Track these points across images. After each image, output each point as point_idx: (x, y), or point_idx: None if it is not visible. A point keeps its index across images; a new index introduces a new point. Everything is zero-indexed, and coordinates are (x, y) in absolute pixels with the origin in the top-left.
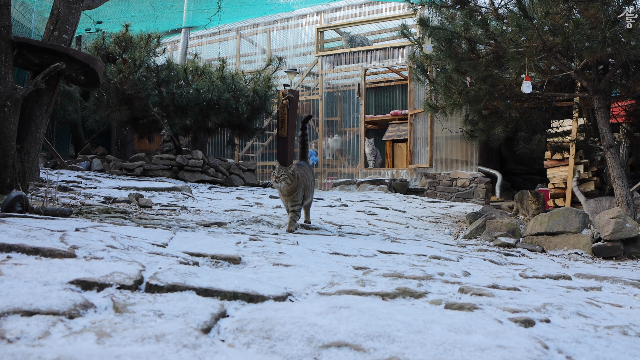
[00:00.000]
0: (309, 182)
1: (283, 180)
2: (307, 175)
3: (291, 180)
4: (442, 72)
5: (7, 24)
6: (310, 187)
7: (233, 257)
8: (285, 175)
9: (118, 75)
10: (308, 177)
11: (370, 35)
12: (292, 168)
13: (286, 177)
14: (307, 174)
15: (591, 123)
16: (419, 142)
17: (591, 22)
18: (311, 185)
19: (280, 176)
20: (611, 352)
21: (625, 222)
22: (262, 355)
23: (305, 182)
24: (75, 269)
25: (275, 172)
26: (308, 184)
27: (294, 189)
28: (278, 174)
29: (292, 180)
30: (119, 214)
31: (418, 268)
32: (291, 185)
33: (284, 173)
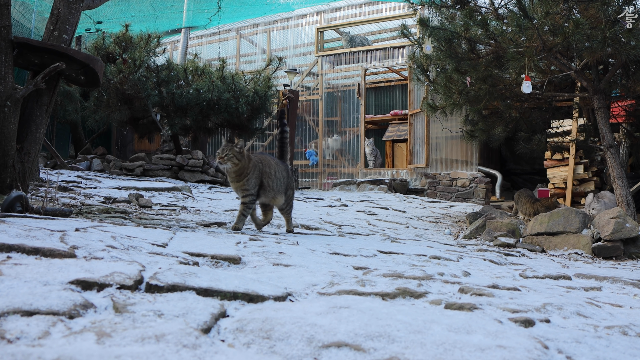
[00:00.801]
0: (277, 178)
1: (229, 160)
2: (277, 171)
3: (238, 159)
4: (442, 72)
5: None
6: (281, 183)
7: (233, 257)
8: (231, 154)
9: (118, 75)
10: (277, 173)
11: (370, 35)
12: (240, 144)
13: (232, 157)
14: (279, 170)
15: (591, 123)
16: (418, 142)
17: (591, 22)
18: (281, 183)
19: (225, 155)
20: (611, 352)
21: (625, 222)
22: (262, 355)
23: (271, 173)
24: (75, 269)
25: (219, 151)
26: (278, 180)
27: (242, 170)
28: (223, 153)
29: (240, 160)
30: (119, 214)
31: (418, 268)
32: (239, 165)
33: (229, 151)
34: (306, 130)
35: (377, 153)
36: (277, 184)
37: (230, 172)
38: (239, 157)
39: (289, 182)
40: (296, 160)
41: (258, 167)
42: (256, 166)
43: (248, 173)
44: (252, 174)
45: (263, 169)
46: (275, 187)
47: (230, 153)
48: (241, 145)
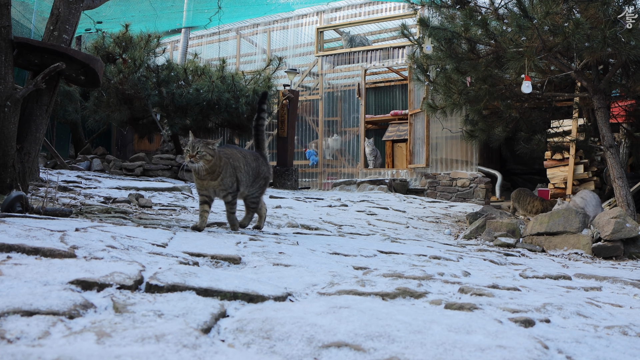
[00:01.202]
0: (247, 172)
1: (201, 158)
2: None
3: (212, 156)
4: (442, 72)
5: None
6: (250, 176)
7: (233, 257)
8: (204, 152)
9: (118, 75)
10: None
11: (370, 35)
12: (214, 142)
13: (205, 154)
14: (248, 162)
15: (591, 123)
16: (419, 142)
17: (591, 22)
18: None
19: (196, 154)
20: (611, 352)
21: (625, 222)
22: (262, 355)
23: (241, 167)
24: (75, 269)
25: (189, 149)
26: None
27: (214, 169)
28: (194, 150)
29: (213, 157)
30: (119, 214)
31: (418, 268)
32: (211, 162)
33: (202, 149)
34: (306, 130)
35: (377, 153)
36: (246, 177)
37: (201, 171)
38: (212, 154)
39: (260, 171)
40: (296, 160)
41: (230, 164)
42: (228, 163)
43: (221, 172)
44: (226, 172)
45: (234, 164)
46: (245, 181)
47: (203, 150)
48: (215, 145)
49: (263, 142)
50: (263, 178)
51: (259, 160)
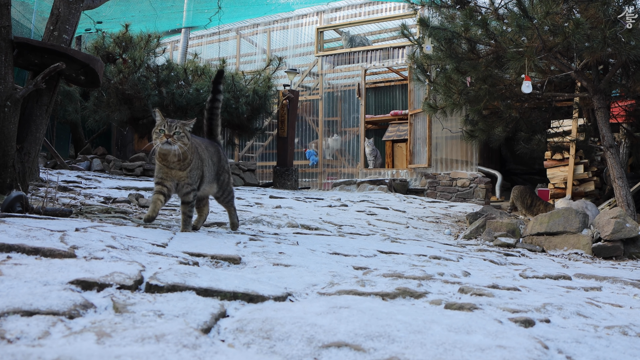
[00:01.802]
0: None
1: (179, 139)
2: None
3: (188, 139)
4: (442, 72)
5: (7, 24)
6: (212, 170)
7: (233, 257)
8: (182, 133)
9: (118, 75)
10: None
11: (370, 35)
12: (190, 123)
13: (183, 136)
14: (211, 155)
15: (591, 123)
16: (419, 142)
17: (591, 22)
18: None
19: (173, 133)
20: (611, 352)
21: (625, 222)
22: (262, 355)
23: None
24: (75, 269)
25: (164, 127)
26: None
27: (186, 156)
28: (170, 130)
29: (189, 140)
30: (119, 214)
31: (418, 268)
32: (187, 146)
33: (179, 129)
34: (306, 130)
35: (377, 153)
36: (209, 172)
37: (170, 155)
38: (188, 137)
39: (222, 164)
40: (296, 160)
41: (198, 154)
42: (196, 151)
43: (192, 160)
44: (195, 162)
45: (201, 155)
46: (208, 176)
47: (181, 131)
48: (193, 124)
49: (217, 127)
50: (225, 171)
51: (218, 152)
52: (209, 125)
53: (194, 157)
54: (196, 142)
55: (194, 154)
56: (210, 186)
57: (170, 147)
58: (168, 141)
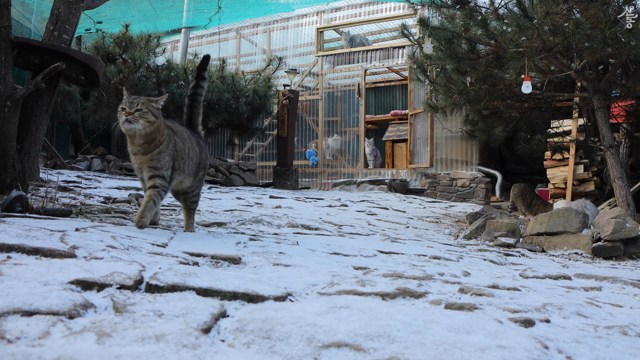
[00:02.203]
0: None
1: (142, 117)
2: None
3: (155, 116)
4: (442, 72)
5: (7, 24)
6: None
7: (233, 257)
8: (146, 109)
9: (118, 75)
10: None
11: (370, 35)
12: (160, 100)
13: (146, 112)
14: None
15: (591, 123)
16: (419, 142)
17: (591, 22)
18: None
19: (135, 110)
20: (611, 352)
21: (625, 222)
22: (262, 355)
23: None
24: (75, 269)
25: (125, 105)
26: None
27: (154, 137)
28: (131, 107)
29: (157, 118)
30: (119, 214)
31: (418, 268)
32: (154, 126)
33: (142, 106)
34: (306, 130)
35: (377, 153)
36: (188, 165)
37: (136, 136)
38: (156, 114)
39: (203, 158)
40: (296, 160)
41: (173, 140)
42: (171, 138)
43: (161, 143)
44: (167, 146)
45: (178, 144)
46: (187, 170)
47: (144, 108)
48: (164, 101)
49: (199, 117)
50: (203, 168)
51: (200, 145)
52: (189, 113)
53: (168, 142)
54: (175, 128)
55: (168, 140)
56: (188, 179)
57: (131, 125)
58: (128, 119)
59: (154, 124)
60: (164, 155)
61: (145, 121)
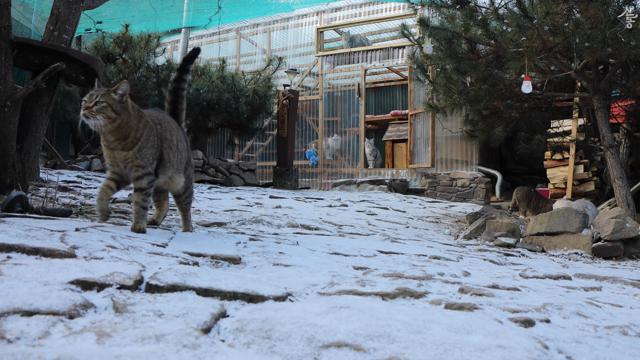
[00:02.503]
0: (179, 150)
1: (100, 112)
2: (179, 139)
3: (116, 112)
4: (442, 72)
5: (7, 24)
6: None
7: (233, 257)
8: (105, 103)
9: (118, 75)
10: (179, 143)
11: (370, 35)
12: (122, 89)
13: (106, 107)
14: (180, 138)
15: (591, 123)
16: (419, 142)
17: (591, 22)
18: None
19: (93, 105)
20: (611, 352)
21: (625, 222)
22: (262, 355)
23: (172, 140)
24: (75, 269)
25: (86, 98)
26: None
27: (126, 131)
28: (91, 100)
29: (120, 113)
30: (119, 214)
31: (418, 268)
32: (117, 121)
33: (102, 98)
34: (306, 130)
35: (377, 153)
36: (177, 158)
37: (106, 133)
38: (117, 108)
39: (189, 157)
40: (296, 160)
41: (155, 131)
42: (152, 128)
43: (139, 137)
44: (147, 139)
45: (163, 133)
46: (176, 163)
47: (103, 100)
48: (124, 90)
49: (182, 112)
50: (190, 165)
51: (187, 140)
52: (173, 109)
53: (148, 134)
54: (159, 117)
55: (149, 131)
56: (177, 177)
57: (89, 121)
58: (85, 114)
59: (115, 120)
60: (146, 150)
61: (105, 117)
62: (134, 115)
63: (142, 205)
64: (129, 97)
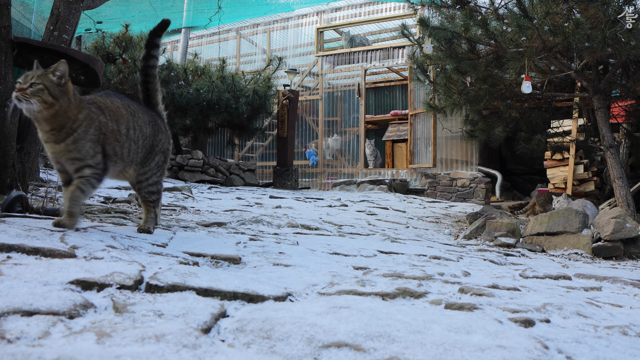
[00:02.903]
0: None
1: (35, 95)
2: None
3: (54, 97)
4: (442, 72)
5: (7, 24)
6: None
7: (233, 257)
8: (41, 85)
9: (118, 75)
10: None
11: (370, 35)
12: (60, 70)
13: (42, 89)
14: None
15: (591, 123)
16: (419, 142)
17: (591, 22)
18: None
19: (28, 87)
20: (611, 352)
21: (625, 222)
22: (262, 355)
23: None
24: (75, 269)
25: (20, 79)
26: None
27: (63, 121)
28: (26, 81)
29: (58, 98)
30: (119, 214)
31: (418, 268)
32: (55, 107)
33: (38, 79)
34: (306, 130)
35: (377, 154)
36: (131, 149)
37: (40, 121)
38: (56, 92)
39: (159, 140)
40: (296, 160)
41: (98, 123)
42: (94, 120)
43: (76, 129)
44: (86, 131)
45: (109, 125)
46: (127, 156)
47: (39, 82)
48: (62, 71)
49: (156, 93)
50: (161, 152)
51: (156, 123)
52: (145, 90)
53: (87, 125)
54: (105, 104)
55: (89, 122)
56: (130, 169)
57: (22, 105)
58: (17, 96)
59: (52, 106)
60: (83, 142)
61: (40, 101)
62: (74, 105)
63: (81, 188)
64: (69, 81)
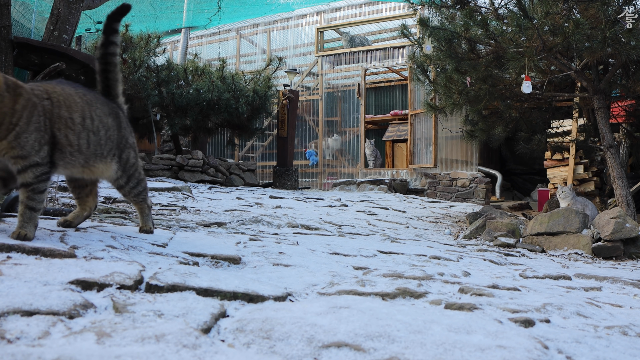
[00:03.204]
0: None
1: None
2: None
3: None
4: (442, 72)
5: (7, 24)
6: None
7: (233, 257)
8: None
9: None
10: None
11: (370, 35)
12: None
13: None
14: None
15: (591, 123)
16: (419, 142)
17: (591, 22)
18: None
19: None
20: (611, 352)
21: (625, 222)
22: (262, 355)
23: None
24: (75, 269)
25: None
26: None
27: None
28: None
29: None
30: (119, 214)
31: (418, 268)
32: None
33: None
34: (306, 130)
35: (377, 154)
36: (91, 140)
37: None
38: None
39: (123, 135)
40: (296, 160)
41: (42, 109)
42: (36, 106)
43: (17, 122)
44: (28, 121)
45: (55, 110)
46: (86, 148)
47: None
48: None
49: (117, 83)
50: (130, 147)
51: (118, 116)
52: (104, 79)
53: (29, 115)
54: (49, 91)
55: (30, 111)
56: (100, 163)
57: None
58: None
59: None
60: (27, 135)
61: None
62: (9, 97)
63: (28, 205)
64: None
